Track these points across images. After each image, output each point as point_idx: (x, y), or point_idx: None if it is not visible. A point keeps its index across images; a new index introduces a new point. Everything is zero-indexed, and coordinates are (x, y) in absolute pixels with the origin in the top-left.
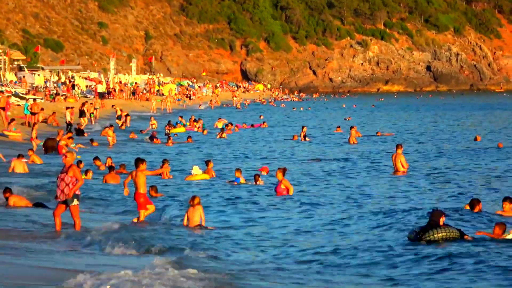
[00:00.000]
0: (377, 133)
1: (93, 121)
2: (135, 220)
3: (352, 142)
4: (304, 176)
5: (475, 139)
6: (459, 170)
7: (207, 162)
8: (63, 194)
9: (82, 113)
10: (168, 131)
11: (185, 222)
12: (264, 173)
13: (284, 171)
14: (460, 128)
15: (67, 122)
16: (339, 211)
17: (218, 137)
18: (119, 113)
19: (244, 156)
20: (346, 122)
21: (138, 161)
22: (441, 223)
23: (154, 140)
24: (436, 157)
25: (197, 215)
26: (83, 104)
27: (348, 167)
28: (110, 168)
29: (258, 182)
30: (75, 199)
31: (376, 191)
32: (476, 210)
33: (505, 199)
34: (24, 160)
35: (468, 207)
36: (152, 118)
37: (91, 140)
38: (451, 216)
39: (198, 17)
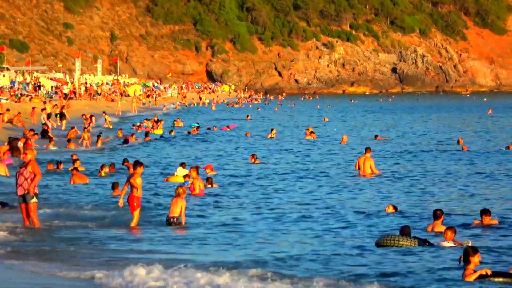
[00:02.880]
0: (375, 137)
1: (58, 123)
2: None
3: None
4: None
5: (458, 142)
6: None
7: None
8: (21, 188)
9: (62, 115)
10: (148, 130)
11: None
12: (208, 171)
13: (197, 169)
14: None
15: (43, 123)
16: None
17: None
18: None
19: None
20: (323, 123)
21: (137, 164)
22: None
23: (130, 139)
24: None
25: (178, 207)
26: (63, 107)
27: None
28: (74, 169)
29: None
30: (35, 197)
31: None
32: (440, 220)
33: (485, 212)
34: None
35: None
36: (104, 113)
37: (69, 141)
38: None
39: (163, 18)
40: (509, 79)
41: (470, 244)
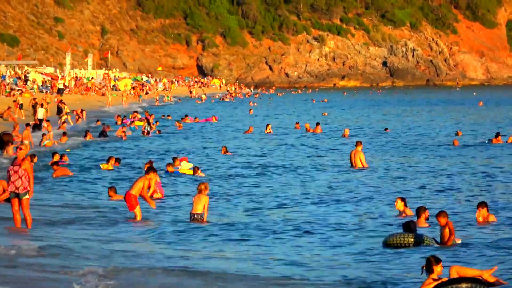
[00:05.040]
0: (385, 129)
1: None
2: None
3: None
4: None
5: (456, 134)
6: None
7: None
8: (13, 186)
9: (59, 110)
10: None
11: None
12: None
13: (151, 163)
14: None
15: (39, 118)
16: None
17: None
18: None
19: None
20: (323, 117)
21: (150, 170)
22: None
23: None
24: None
25: (201, 203)
26: (61, 101)
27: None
28: (54, 163)
29: (197, 173)
30: (27, 193)
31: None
32: (422, 218)
33: (482, 204)
34: None
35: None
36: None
37: (64, 134)
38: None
39: (154, 12)
40: (500, 73)
41: (459, 242)
